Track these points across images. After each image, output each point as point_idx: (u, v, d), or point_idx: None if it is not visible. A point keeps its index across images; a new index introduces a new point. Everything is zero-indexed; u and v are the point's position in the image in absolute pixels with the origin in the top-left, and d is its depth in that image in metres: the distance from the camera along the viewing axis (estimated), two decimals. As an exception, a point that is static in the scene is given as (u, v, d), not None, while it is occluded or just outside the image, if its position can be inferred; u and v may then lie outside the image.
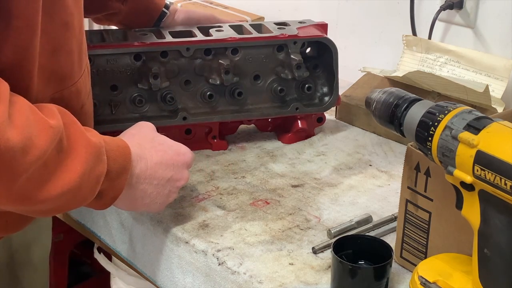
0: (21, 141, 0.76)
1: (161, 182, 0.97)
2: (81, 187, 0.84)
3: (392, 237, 1.00)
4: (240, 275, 0.95)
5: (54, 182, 0.81)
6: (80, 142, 0.84)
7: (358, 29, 1.64)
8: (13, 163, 0.75)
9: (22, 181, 0.78)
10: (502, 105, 1.32)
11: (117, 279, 1.52)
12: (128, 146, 0.92)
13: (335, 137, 1.35)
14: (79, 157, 0.83)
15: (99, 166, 0.86)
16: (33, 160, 0.78)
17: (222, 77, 1.23)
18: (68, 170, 0.82)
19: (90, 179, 0.85)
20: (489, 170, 0.74)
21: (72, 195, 0.84)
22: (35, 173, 0.78)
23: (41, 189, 0.80)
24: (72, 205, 0.87)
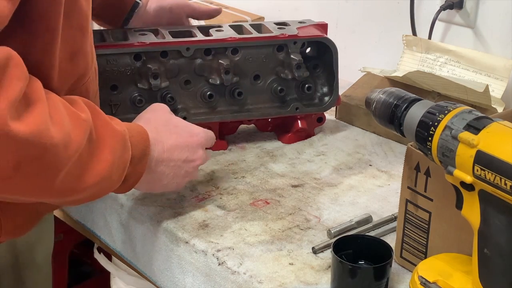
0: (62, 138, 0.78)
1: (177, 163, 1.01)
2: (111, 175, 0.88)
3: (392, 237, 1.00)
4: (240, 275, 0.95)
5: (89, 173, 0.84)
6: (107, 132, 0.87)
7: (358, 29, 1.64)
8: (56, 159, 0.78)
9: (62, 176, 0.80)
10: (502, 105, 1.32)
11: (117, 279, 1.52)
12: (146, 132, 0.95)
13: (335, 137, 1.35)
14: (107, 147, 0.86)
15: (126, 153, 0.90)
16: (72, 155, 0.80)
17: (222, 77, 1.23)
18: (100, 160, 0.85)
19: (118, 166, 0.89)
20: (489, 170, 0.74)
21: (104, 183, 0.87)
22: (72, 166, 0.81)
23: (78, 181, 0.83)
24: (103, 192, 0.91)
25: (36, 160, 0.76)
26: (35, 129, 0.74)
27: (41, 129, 0.75)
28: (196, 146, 1.03)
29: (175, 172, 1.01)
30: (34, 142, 0.74)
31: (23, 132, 0.73)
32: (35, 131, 0.74)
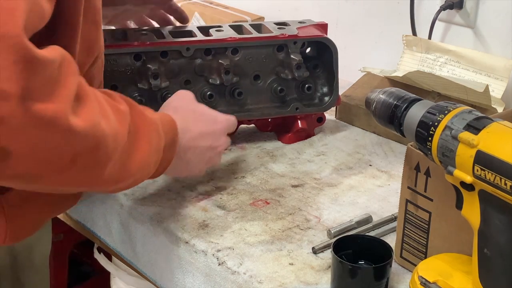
0: (111, 130, 0.81)
1: (202, 150, 1.06)
2: (149, 163, 0.92)
3: (392, 237, 1.00)
4: (240, 275, 0.95)
5: (131, 161, 0.88)
6: (142, 122, 0.91)
7: (358, 29, 1.64)
8: (107, 150, 0.81)
9: (110, 166, 0.83)
10: (502, 105, 1.32)
11: (117, 279, 1.52)
12: (175, 121, 0.99)
13: (335, 137, 1.35)
14: (145, 136, 0.90)
15: (160, 141, 0.94)
16: (118, 145, 0.84)
17: (222, 77, 1.23)
18: (139, 149, 0.89)
19: (154, 154, 0.93)
20: (489, 170, 0.74)
21: (144, 170, 0.92)
22: (118, 156, 0.84)
23: (123, 170, 0.87)
24: (142, 179, 0.94)
25: (90, 153, 0.79)
26: (90, 123, 0.77)
27: (95, 123, 0.78)
28: (220, 133, 1.09)
29: (200, 158, 1.06)
30: (89, 135, 0.77)
31: (80, 126, 0.75)
32: (90, 124, 0.77)
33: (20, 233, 0.95)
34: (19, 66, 0.68)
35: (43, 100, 0.71)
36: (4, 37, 0.66)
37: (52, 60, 0.72)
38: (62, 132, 0.74)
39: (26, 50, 0.68)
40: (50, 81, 0.72)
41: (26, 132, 0.71)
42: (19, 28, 0.67)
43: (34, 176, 0.76)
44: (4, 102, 0.67)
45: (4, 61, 0.67)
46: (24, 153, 0.72)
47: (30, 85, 0.69)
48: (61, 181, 0.80)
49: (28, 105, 0.69)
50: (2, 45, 0.66)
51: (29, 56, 0.68)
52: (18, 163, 0.73)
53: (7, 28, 0.67)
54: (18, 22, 0.67)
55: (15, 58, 0.67)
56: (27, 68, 0.68)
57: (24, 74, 0.68)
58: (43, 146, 0.73)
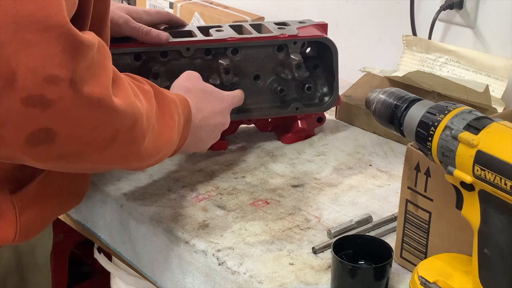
0: (144, 109, 0.86)
1: (212, 128, 1.11)
2: (174, 138, 0.97)
3: (392, 237, 1.00)
4: (240, 275, 0.95)
5: (160, 137, 0.93)
6: (164, 100, 0.95)
7: (358, 29, 1.64)
8: (142, 128, 0.85)
9: (145, 142, 0.88)
10: (502, 105, 1.32)
11: (117, 279, 1.52)
12: (187, 101, 1.04)
13: (335, 137, 1.35)
14: (168, 113, 0.95)
15: (180, 118, 0.99)
16: (151, 123, 0.89)
17: (222, 77, 1.23)
18: (166, 126, 0.94)
19: (177, 130, 0.98)
20: (489, 170, 0.74)
21: (169, 146, 0.97)
22: (151, 133, 0.89)
23: (155, 146, 0.91)
24: (168, 154, 0.99)
25: (129, 131, 0.83)
26: (128, 102, 0.81)
27: (131, 102, 0.82)
28: (227, 111, 1.15)
29: (209, 135, 1.11)
30: (128, 114, 0.81)
31: (121, 105, 0.79)
32: (129, 103, 0.81)
33: (30, 232, 0.96)
34: (68, 52, 0.71)
35: (89, 83, 0.75)
36: (55, 27, 0.70)
37: (94, 43, 0.76)
38: (106, 112, 0.78)
39: (73, 37, 0.72)
40: (93, 64, 0.76)
41: (73, 113, 0.74)
42: (65, 17, 0.71)
43: (77, 155, 0.80)
44: (56, 86, 0.71)
45: (55, 49, 0.70)
46: (69, 133, 0.76)
47: (78, 69, 0.73)
48: (101, 159, 0.84)
49: (77, 87, 0.73)
50: (52, 35, 0.70)
51: (76, 42, 0.72)
52: (62, 144, 0.76)
53: (56, 19, 0.70)
54: (63, 12, 0.71)
55: (64, 45, 0.71)
56: (75, 53, 0.72)
57: (73, 59, 0.72)
58: (87, 126, 0.77)
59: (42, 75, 0.70)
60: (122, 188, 1.14)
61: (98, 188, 1.15)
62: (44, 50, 0.70)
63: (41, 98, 0.71)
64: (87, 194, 1.14)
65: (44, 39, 0.70)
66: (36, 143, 0.74)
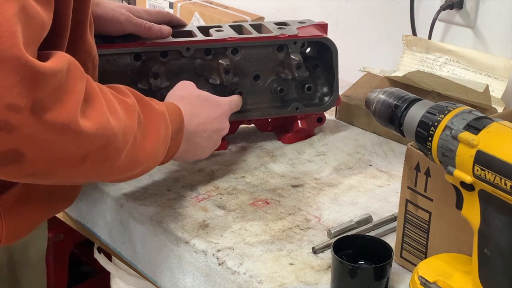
0: (120, 126, 0.85)
1: (209, 134, 1.11)
2: (158, 151, 0.96)
3: (392, 237, 1.00)
4: (240, 275, 0.95)
5: (141, 152, 0.92)
6: (151, 112, 0.95)
7: (358, 29, 1.64)
8: (117, 146, 0.85)
9: (122, 159, 0.87)
10: (502, 105, 1.32)
11: (117, 279, 1.52)
12: (179, 109, 1.04)
13: (335, 137, 1.35)
14: (153, 126, 0.95)
15: (167, 130, 0.98)
16: (128, 139, 0.88)
17: (222, 77, 1.23)
18: (149, 139, 0.93)
19: (163, 142, 0.97)
20: (489, 170, 0.74)
21: (153, 159, 0.96)
22: (129, 149, 0.89)
23: (133, 161, 0.91)
24: (151, 167, 0.98)
25: (100, 150, 0.82)
26: (100, 123, 0.81)
27: (104, 122, 0.82)
28: (224, 117, 1.14)
29: (207, 142, 1.11)
30: (99, 135, 0.81)
31: (90, 128, 0.79)
32: (100, 125, 0.81)
33: (16, 234, 0.96)
34: (27, 82, 0.72)
35: (53, 109, 0.75)
36: (10, 60, 0.71)
37: (58, 70, 0.76)
38: (73, 135, 0.78)
39: (31, 68, 0.72)
40: (59, 89, 0.76)
41: (39, 137, 0.75)
42: (21, 50, 0.71)
43: (47, 173, 0.81)
44: (17, 114, 0.72)
45: (13, 80, 0.71)
46: (37, 155, 0.76)
47: (39, 97, 0.73)
48: (73, 175, 0.85)
49: (39, 115, 0.73)
50: (8, 67, 0.71)
51: (34, 72, 0.72)
52: (32, 164, 0.77)
53: (11, 52, 0.71)
54: (19, 44, 0.71)
55: (22, 76, 0.71)
56: (34, 83, 0.72)
57: (33, 89, 0.72)
58: (54, 148, 0.77)
59: (2, 104, 0.71)
60: (122, 188, 1.14)
61: (98, 188, 1.15)
62: (2, 81, 0.70)
63: (5, 123, 0.72)
64: (87, 194, 1.14)
65: (1, 71, 0.70)
66: (5, 163, 0.75)
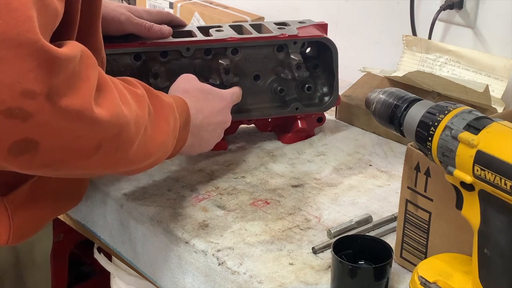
0: (132, 116, 0.85)
1: (214, 127, 1.11)
2: (168, 143, 0.97)
3: (392, 237, 1.00)
4: (240, 275, 0.95)
5: (152, 142, 0.92)
6: (160, 104, 0.95)
7: (358, 29, 1.64)
8: (129, 135, 0.85)
9: (134, 149, 0.88)
10: (502, 105, 1.32)
11: (117, 279, 1.52)
12: (186, 103, 1.04)
13: (335, 137, 1.35)
14: (163, 117, 0.95)
15: (176, 122, 0.98)
16: (140, 129, 0.88)
17: (222, 77, 1.23)
18: (159, 130, 0.94)
19: (172, 134, 0.97)
20: (489, 170, 0.74)
21: (163, 150, 0.96)
22: (141, 139, 0.89)
23: (145, 152, 0.91)
24: (161, 159, 0.98)
25: (114, 139, 0.83)
26: (113, 112, 0.81)
27: (117, 111, 0.82)
28: (227, 109, 1.15)
29: (212, 134, 1.11)
30: (113, 123, 0.81)
31: (104, 115, 0.79)
32: (113, 113, 0.81)
33: (23, 233, 0.96)
34: (43, 68, 0.72)
35: (68, 95, 0.75)
36: (27, 45, 0.71)
37: (73, 56, 0.76)
38: (87, 123, 0.78)
39: (48, 53, 0.72)
40: (73, 76, 0.76)
41: (54, 125, 0.75)
42: (37, 34, 0.71)
43: (61, 163, 0.81)
44: (32, 100, 0.72)
45: (30, 65, 0.71)
46: (52, 143, 0.76)
47: (55, 83, 0.73)
48: (87, 166, 0.84)
49: (55, 101, 0.74)
50: (25, 51, 0.71)
51: (51, 57, 0.73)
52: (46, 153, 0.77)
53: (28, 36, 0.71)
54: (35, 28, 0.72)
55: (38, 61, 0.72)
56: (50, 68, 0.73)
57: (49, 74, 0.73)
58: (69, 136, 0.77)
59: (18, 90, 0.71)
60: (122, 188, 1.14)
61: (98, 188, 1.15)
62: (19, 66, 0.71)
63: (21, 111, 0.72)
64: (87, 194, 1.14)
65: (17, 56, 0.70)
66: (19, 153, 0.75)
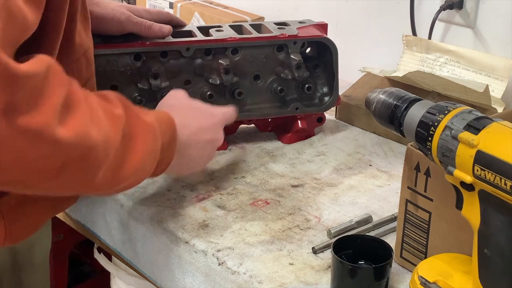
0: (102, 137, 0.81)
1: (203, 145, 1.05)
2: (145, 165, 0.91)
3: (392, 237, 1.00)
4: (240, 275, 0.95)
5: (125, 166, 0.87)
6: (138, 124, 0.90)
7: (358, 29, 1.64)
8: (97, 158, 0.81)
9: (102, 172, 0.83)
10: (502, 105, 1.32)
11: (117, 279, 1.52)
12: (172, 118, 0.98)
13: (335, 137, 1.35)
14: (140, 139, 0.89)
15: (156, 142, 0.93)
16: (110, 152, 0.83)
17: (222, 77, 1.23)
18: (134, 153, 0.88)
19: (150, 156, 0.92)
20: (489, 170, 0.74)
21: (139, 173, 0.91)
22: (110, 162, 0.84)
23: (116, 175, 0.86)
24: (138, 181, 0.94)
25: (78, 161, 0.79)
26: (78, 133, 0.77)
27: (83, 132, 0.78)
28: (218, 127, 1.09)
29: (201, 153, 1.05)
30: (77, 145, 0.77)
31: (67, 136, 0.75)
32: (78, 134, 0.77)
33: (19, 235, 0.95)
34: (0, 83, 0.68)
35: (27, 113, 0.71)
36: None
37: (35, 73, 0.72)
38: (47, 143, 0.74)
39: (5, 68, 0.69)
40: (34, 93, 0.72)
41: (11, 143, 0.71)
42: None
43: (23, 183, 0.77)
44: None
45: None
46: (11, 162, 0.73)
47: (13, 100, 0.70)
48: (51, 187, 0.81)
49: (12, 118, 0.70)
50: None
51: (9, 73, 0.69)
52: (5, 172, 0.73)
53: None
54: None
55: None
56: (8, 84, 0.69)
57: (6, 90, 0.69)
58: (29, 156, 0.73)
59: None
60: (122, 188, 1.14)
61: (98, 188, 1.15)
62: None
63: None
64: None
65: None
66: None
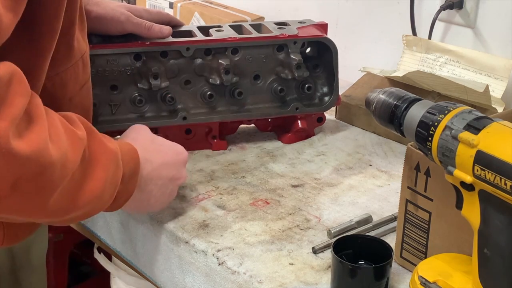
0: (60, 157, 0.77)
1: (165, 182, 1.00)
2: (103, 194, 0.87)
3: (392, 237, 1.00)
4: (240, 275, 0.95)
5: (81, 192, 0.83)
6: (100, 150, 0.86)
7: (358, 29, 1.64)
8: (53, 178, 0.77)
9: (56, 195, 0.79)
10: (502, 105, 1.32)
11: (117, 279, 1.52)
12: (136, 150, 0.94)
13: (335, 137, 1.35)
14: (100, 165, 0.85)
15: (118, 171, 0.89)
16: (67, 174, 0.79)
17: (222, 77, 1.23)
18: (92, 179, 0.84)
19: (110, 185, 0.88)
20: (489, 170, 0.74)
21: (96, 202, 0.86)
22: (66, 185, 0.80)
23: (71, 200, 0.82)
24: (94, 211, 0.89)
25: (33, 179, 0.75)
26: (36, 148, 0.74)
27: (41, 148, 0.75)
28: (181, 164, 1.04)
29: (162, 191, 1.00)
30: (33, 160, 0.74)
31: (24, 150, 0.72)
32: (35, 149, 0.74)
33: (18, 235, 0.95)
34: None
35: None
36: None
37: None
38: (1, 154, 0.70)
39: None
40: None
41: None
42: None
43: None
44: None
45: None
46: None
47: None
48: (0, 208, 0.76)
49: None
50: None
51: None
52: None
53: None
54: None
55: None
56: None
57: None
58: None
59: None
60: (122, 188, 1.14)
61: (98, 188, 1.15)
62: None
63: None
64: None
65: None
66: None
